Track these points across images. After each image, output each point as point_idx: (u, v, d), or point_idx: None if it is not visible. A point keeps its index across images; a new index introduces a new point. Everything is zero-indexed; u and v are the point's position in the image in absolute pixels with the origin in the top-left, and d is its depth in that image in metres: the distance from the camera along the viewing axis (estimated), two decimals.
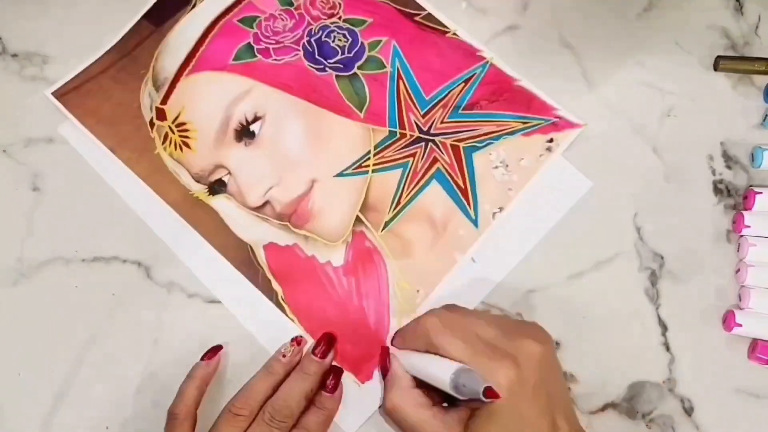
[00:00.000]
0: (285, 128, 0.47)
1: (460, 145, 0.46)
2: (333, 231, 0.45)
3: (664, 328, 0.44)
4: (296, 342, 0.42)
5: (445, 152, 0.46)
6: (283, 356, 0.41)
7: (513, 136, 0.46)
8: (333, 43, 0.48)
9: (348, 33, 0.49)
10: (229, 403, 0.39)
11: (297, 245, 0.45)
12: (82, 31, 0.50)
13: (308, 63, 0.48)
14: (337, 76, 0.48)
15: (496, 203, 0.45)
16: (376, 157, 0.46)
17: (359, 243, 0.45)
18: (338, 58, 0.48)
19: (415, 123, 0.47)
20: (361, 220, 0.45)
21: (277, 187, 0.46)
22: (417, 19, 0.49)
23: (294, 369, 0.41)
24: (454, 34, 0.49)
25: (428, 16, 0.49)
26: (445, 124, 0.47)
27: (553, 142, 0.46)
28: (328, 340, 0.42)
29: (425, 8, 0.49)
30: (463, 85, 0.47)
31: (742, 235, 0.44)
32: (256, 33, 0.49)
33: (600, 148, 0.46)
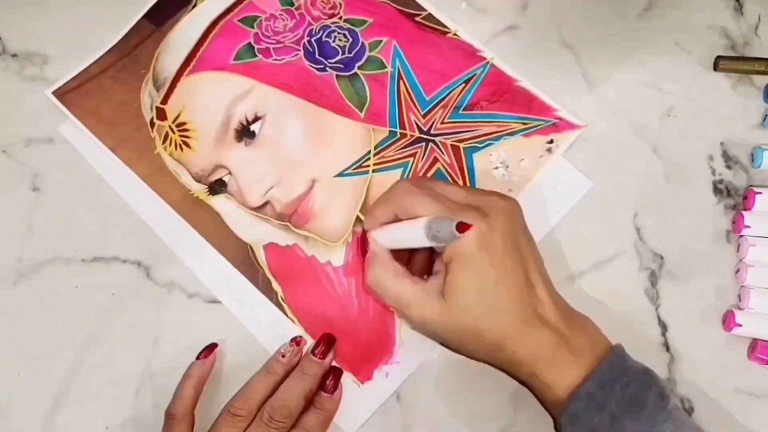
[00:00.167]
0: (285, 128, 0.47)
1: (460, 145, 0.46)
2: (333, 231, 0.45)
3: (664, 328, 0.44)
4: (296, 342, 0.42)
5: (446, 152, 0.46)
6: (283, 356, 0.41)
7: (513, 136, 0.46)
8: (333, 43, 0.48)
9: (348, 33, 0.49)
10: (228, 404, 0.39)
11: (297, 245, 0.45)
12: (82, 31, 0.50)
13: (309, 63, 0.48)
14: (337, 76, 0.48)
15: None
16: (376, 157, 0.46)
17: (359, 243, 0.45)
18: (339, 58, 0.48)
19: (415, 123, 0.47)
20: (361, 221, 0.45)
21: (277, 187, 0.46)
22: (417, 19, 0.49)
23: (294, 369, 0.41)
24: (455, 35, 0.49)
25: (429, 16, 0.49)
26: (446, 124, 0.47)
27: (554, 143, 0.46)
28: (328, 341, 0.42)
29: (426, 8, 0.49)
30: (464, 85, 0.47)
31: (742, 235, 0.44)
32: (256, 33, 0.49)
33: (600, 148, 0.46)
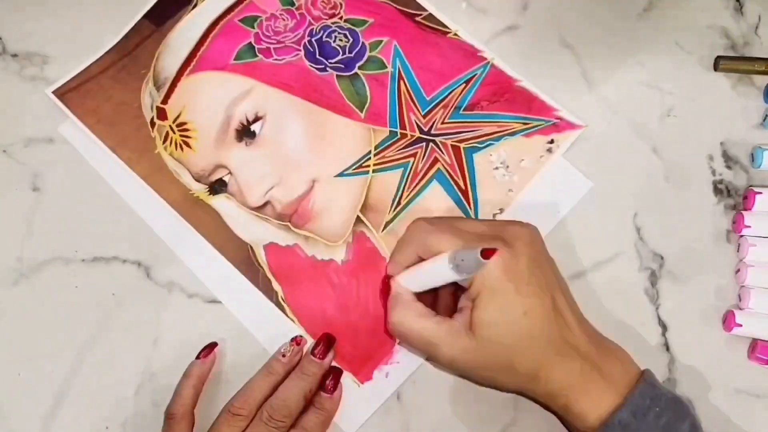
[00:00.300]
0: (286, 128, 0.46)
1: (460, 145, 0.46)
2: (333, 231, 0.45)
3: (664, 328, 0.44)
4: (296, 342, 0.42)
5: (446, 153, 0.46)
6: (283, 356, 0.41)
7: (514, 136, 0.46)
8: (334, 43, 0.48)
9: (349, 33, 0.49)
10: (228, 403, 0.39)
11: (297, 245, 0.45)
12: (82, 31, 0.50)
13: (309, 63, 0.48)
14: (338, 76, 0.48)
15: (496, 204, 0.45)
16: (376, 157, 0.46)
17: (360, 243, 0.45)
18: (339, 58, 0.48)
19: (415, 123, 0.47)
20: (361, 221, 0.45)
21: (277, 187, 0.46)
22: (418, 19, 0.49)
23: (294, 369, 0.41)
24: (455, 35, 0.49)
25: (429, 16, 0.49)
26: (446, 124, 0.47)
27: (554, 143, 0.46)
28: (328, 341, 0.42)
29: (426, 8, 0.49)
30: (464, 85, 0.47)
31: (742, 235, 0.44)
32: (257, 33, 0.49)
33: (600, 148, 0.46)
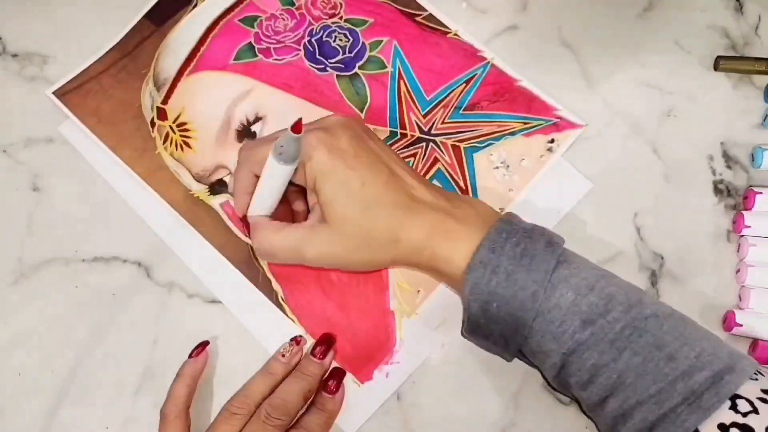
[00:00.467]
0: None
1: (460, 145, 0.46)
2: None
3: None
4: (296, 342, 0.42)
5: (446, 152, 0.46)
6: (283, 356, 0.41)
7: (514, 136, 0.46)
8: (334, 43, 0.48)
9: (349, 33, 0.49)
10: (228, 403, 0.39)
11: None
12: (82, 31, 0.50)
13: (309, 63, 0.48)
14: (338, 76, 0.48)
15: (497, 204, 0.45)
16: None
17: None
18: (339, 58, 0.48)
19: (416, 123, 0.47)
20: None
21: None
22: (418, 19, 0.49)
23: (294, 369, 0.41)
24: (455, 35, 0.49)
25: (429, 16, 0.49)
26: (446, 124, 0.47)
27: (554, 143, 0.46)
28: (327, 341, 0.42)
29: (426, 8, 0.49)
30: (464, 85, 0.47)
31: (742, 235, 0.44)
32: (257, 33, 0.49)
33: (600, 148, 0.46)
